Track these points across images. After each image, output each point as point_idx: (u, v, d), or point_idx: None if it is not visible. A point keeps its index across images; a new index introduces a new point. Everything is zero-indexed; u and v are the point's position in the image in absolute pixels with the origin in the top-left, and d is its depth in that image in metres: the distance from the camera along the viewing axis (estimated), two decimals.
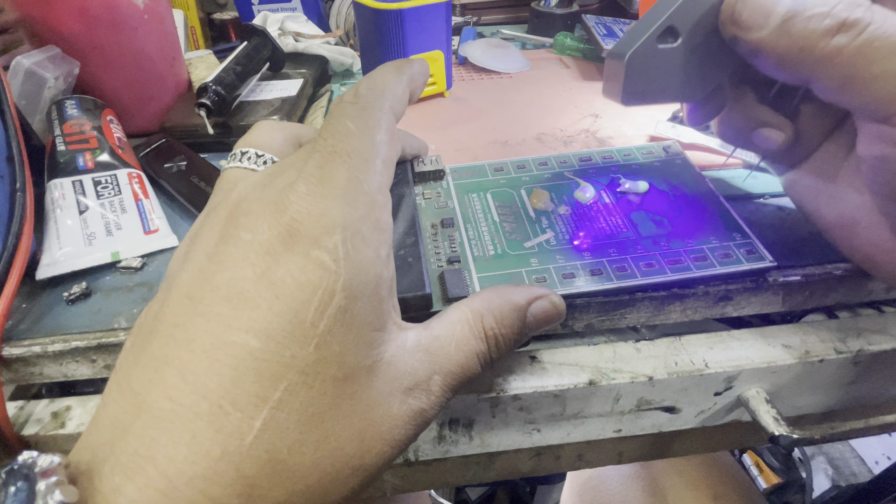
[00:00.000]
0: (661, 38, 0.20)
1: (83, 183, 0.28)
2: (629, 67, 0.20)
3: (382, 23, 0.36)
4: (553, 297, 0.18)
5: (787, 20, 0.16)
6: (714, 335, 0.24)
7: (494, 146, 0.35)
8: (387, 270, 0.15)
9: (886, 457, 0.86)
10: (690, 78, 0.21)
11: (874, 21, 0.15)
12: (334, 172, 0.15)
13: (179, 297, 0.14)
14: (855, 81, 0.15)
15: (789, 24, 0.16)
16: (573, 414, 0.23)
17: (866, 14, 0.15)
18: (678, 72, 0.21)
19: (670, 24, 0.20)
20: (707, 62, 0.21)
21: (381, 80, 0.17)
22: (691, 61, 0.21)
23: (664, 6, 0.20)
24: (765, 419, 0.21)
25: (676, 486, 0.45)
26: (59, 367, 0.23)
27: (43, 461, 0.11)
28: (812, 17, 0.15)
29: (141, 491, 0.12)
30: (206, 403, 0.12)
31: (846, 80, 0.16)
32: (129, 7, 0.34)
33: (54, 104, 0.32)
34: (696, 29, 0.20)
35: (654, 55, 0.20)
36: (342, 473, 0.14)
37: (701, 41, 0.20)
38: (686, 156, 0.28)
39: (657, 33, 0.20)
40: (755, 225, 0.24)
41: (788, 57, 0.16)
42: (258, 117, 0.36)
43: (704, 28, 0.20)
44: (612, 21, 0.48)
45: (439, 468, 0.27)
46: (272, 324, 0.13)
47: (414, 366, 0.15)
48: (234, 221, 0.15)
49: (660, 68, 0.21)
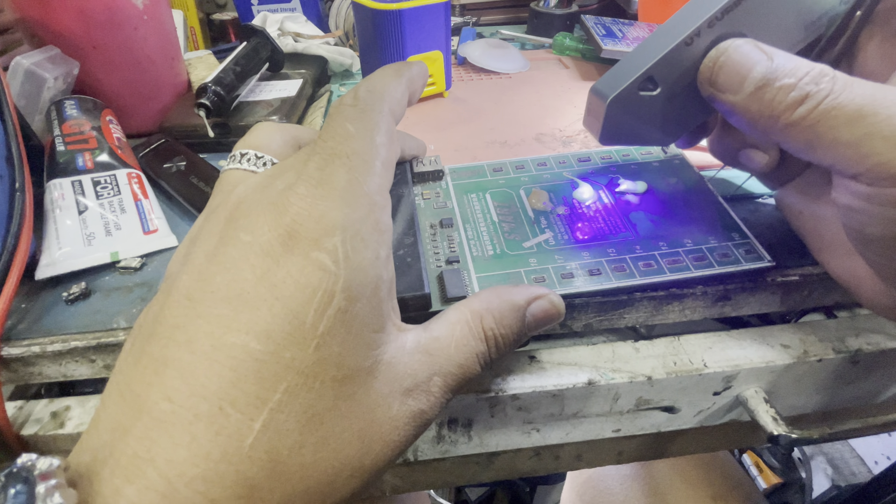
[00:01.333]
0: (641, 85, 0.20)
1: (82, 183, 0.28)
2: (609, 110, 0.21)
3: (382, 23, 0.36)
4: (552, 296, 0.18)
5: (759, 88, 0.17)
6: (713, 335, 0.24)
7: (493, 146, 0.35)
8: (386, 272, 0.15)
9: (886, 457, 0.86)
10: (668, 124, 0.22)
11: (833, 92, 0.16)
12: (334, 174, 0.15)
13: (179, 299, 0.14)
14: (818, 146, 0.17)
15: (761, 91, 0.17)
16: (572, 414, 0.23)
17: (828, 85, 0.16)
18: (656, 118, 0.21)
19: (650, 74, 0.20)
20: (684, 110, 0.21)
21: (380, 83, 0.18)
22: (669, 109, 0.21)
23: (646, 55, 0.20)
24: (763, 419, 0.22)
25: (676, 486, 0.45)
26: (58, 367, 0.23)
27: (42, 464, 0.11)
28: (781, 89, 0.17)
29: (141, 493, 0.12)
30: (206, 405, 0.12)
31: (810, 144, 0.17)
32: (129, 7, 0.34)
33: (54, 104, 0.32)
34: (674, 81, 0.20)
35: (635, 101, 0.21)
36: (342, 474, 0.14)
37: (679, 91, 0.21)
38: (684, 156, 0.28)
39: (638, 82, 0.20)
40: (754, 225, 0.24)
41: (759, 120, 0.18)
42: (257, 118, 0.36)
43: (683, 81, 0.20)
44: (612, 21, 0.48)
45: (438, 468, 0.27)
46: (272, 325, 0.13)
47: (413, 367, 0.15)
48: (234, 223, 0.15)
49: (639, 113, 0.21)
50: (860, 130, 0.15)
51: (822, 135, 0.16)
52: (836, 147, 0.16)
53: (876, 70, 0.20)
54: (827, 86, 0.16)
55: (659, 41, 0.20)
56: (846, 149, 0.16)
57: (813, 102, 0.16)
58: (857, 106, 0.15)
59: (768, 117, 0.17)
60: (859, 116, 0.15)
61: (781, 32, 0.20)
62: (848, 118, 0.15)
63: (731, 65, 0.18)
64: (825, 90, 0.16)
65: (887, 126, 0.15)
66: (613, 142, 0.22)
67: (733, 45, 0.18)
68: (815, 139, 0.16)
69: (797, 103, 0.16)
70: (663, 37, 0.20)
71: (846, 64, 0.21)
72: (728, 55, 0.18)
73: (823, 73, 0.16)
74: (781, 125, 0.17)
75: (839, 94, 0.16)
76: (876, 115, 0.15)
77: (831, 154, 0.16)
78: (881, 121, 0.15)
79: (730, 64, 0.18)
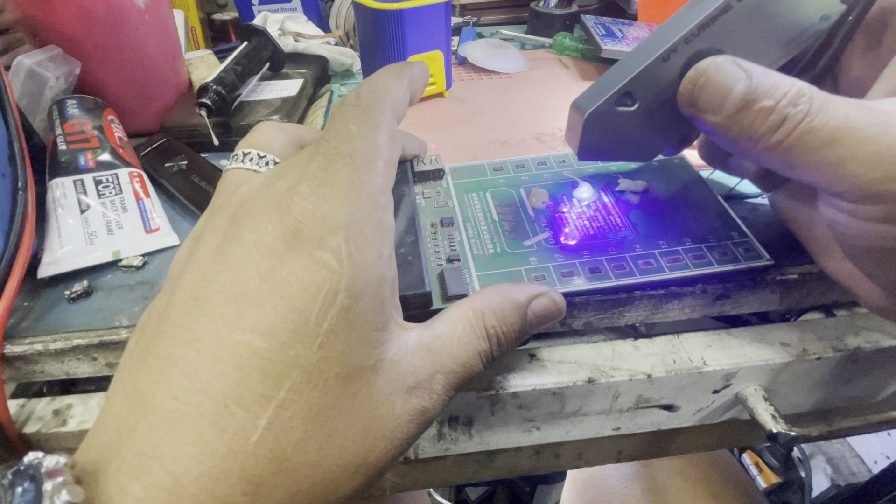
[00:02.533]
0: (619, 101, 0.20)
1: (84, 182, 0.28)
2: (587, 125, 0.21)
3: (382, 23, 0.36)
4: (553, 294, 0.19)
5: (739, 110, 0.17)
6: (712, 333, 0.24)
7: (494, 146, 0.35)
8: (389, 270, 0.15)
9: (885, 456, 0.86)
10: (647, 139, 0.22)
11: (810, 114, 0.16)
12: (337, 174, 0.15)
13: (184, 298, 0.14)
14: (797, 167, 0.17)
15: (741, 114, 0.17)
16: (572, 412, 0.23)
17: (805, 106, 0.16)
18: (635, 133, 0.21)
19: (628, 90, 0.20)
20: (663, 126, 0.21)
21: (382, 83, 0.18)
22: (648, 124, 0.21)
23: (624, 71, 0.20)
24: (763, 417, 0.22)
25: (676, 486, 0.46)
26: (60, 365, 0.23)
27: (49, 461, 0.12)
28: (760, 112, 0.16)
29: (147, 490, 0.12)
30: (212, 403, 0.12)
31: (789, 165, 0.17)
32: (130, 7, 0.34)
33: (55, 104, 0.32)
34: (652, 97, 0.20)
35: (613, 116, 0.20)
36: (346, 472, 0.14)
37: (657, 108, 0.20)
38: (684, 155, 0.28)
39: (615, 97, 0.20)
40: (753, 224, 0.24)
41: (740, 141, 0.17)
42: (258, 117, 0.36)
43: (661, 97, 0.20)
44: (612, 21, 0.48)
45: (439, 466, 0.27)
46: (276, 324, 0.13)
47: (416, 365, 0.15)
48: (238, 222, 0.15)
49: (617, 129, 0.21)
50: (836, 153, 0.15)
51: (799, 157, 0.16)
52: (814, 169, 0.16)
53: (860, 78, 0.20)
54: (804, 107, 0.16)
55: (637, 57, 0.20)
56: (824, 170, 0.16)
57: (790, 125, 0.16)
58: (831, 129, 0.15)
59: (748, 139, 0.17)
60: (834, 139, 0.15)
61: (759, 50, 0.20)
62: (823, 141, 0.15)
63: (711, 86, 0.18)
64: (802, 111, 0.16)
65: (861, 149, 0.15)
66: (592, 157, 0.22)
67: (713, 64, 0.18)
68: (794, 161, 0.16)
69: (776, 126, 0.16)
70: (642, 53, 0.20)
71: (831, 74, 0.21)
72: (708, 76, 0.18)
73: (801, 92, 0.16)
74: (761, 147, 0.17)
75: (815, 117, 0.16)
76: (850, 138, 0.15)
77: (811, 175, 0.16)
78: (855, 143, 0.15)
79: (710, 85, 0.18)
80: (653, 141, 0.22)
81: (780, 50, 0.20)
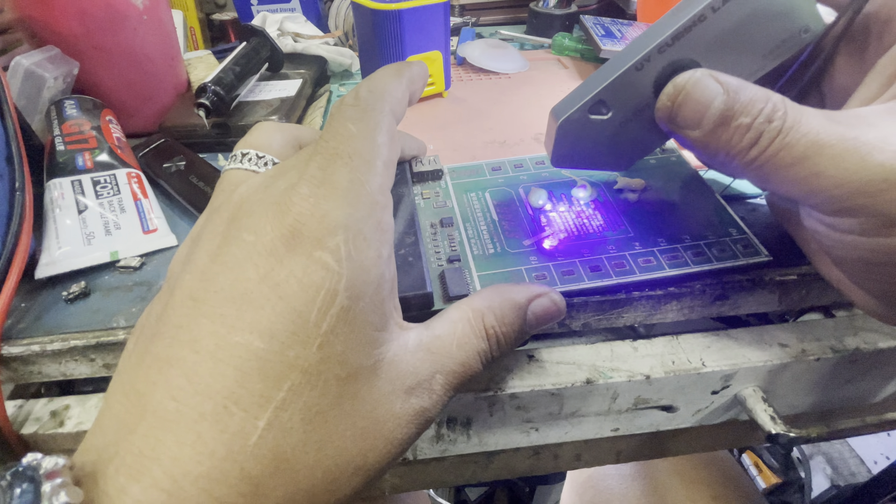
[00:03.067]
0: (592, 109, 0.20)
1: (82, 183, 0.28)
2: (560, 132, 0.20)
3: (381, 23, 0.36)
4: (553, 294, 0.18)
5: (716, 126, 0.17)
6: (711, 334, 0.24)
7: (492, 146, 0.35)
8: (388, 271, 0.15)
9: (885, 456, 0.86)
10: (620, 149, 0.21)
11: (783, 131, 0.16)
12: (336, 174, 0.15)
13: (183, 299, 0.14)
14: (772, 182, 0.17)
15: (718, 131, 0.17)
16: (571, 413, 0.23)
17: (779, 122, 0.16)
18: (608, 142, 0.21)
19: (601, 98, 0.20)
20: (637, 136, 0.21)
21: (381, 83, 0.18)
22: (622, 134, 0.21)
23: (598, 79, 0.20)
24: (762, 418, 0.22)
25: (676, 486, 0.45)
26: (57, 366, 0.23)
27: (48, 463, 0.11)
28: (737, 129, 0.17)
29: (146, 491, 0.12)
30: (211, 404, 0.12)
31: (765, 180, 0.17)
32: (129, 7, 0.34)
33: (53, 104, 0.32)
34: (626, 107, 0.20)
35: (586, 124, 0.20)
36: (345, 472, 0.14)
37: (631, 117, 0.20)
38: (681, 154, 0.28)
39: (588, 104, 0.20)
40: (751, 224, 0.24)
41: (717, 156, 0.18)
42: (257, 117, 0.36)
43: (634, 107, 0.20)
44: (611, 22, 0.48)
45: (437, 467, 0.27)
46: (276, 324, 0.13)
47: (416, 365, 0.15)
48: (237, 223, 0.15)
49: (591, 137, 0.21)
50: (807, 170, 0.16)
51: (774, 173, 0.16)
52: (788, 183, 0.16)
53: (844, 85, 0.20)
54: (778, 123, 0.16)
55: (613, 65, 0.20)
56: (798, 185, 0.16)
57: (765, 142, 0.16)
58: (803, 147, 0.16)
59: (726, 155, 0.17)
60: (805, 157, 0.15)
61: (736, 61, 0.19)
62: (795, 158, 0.16)
63: (689, 103, 0.18)
64: (776, 128, 0.16)
65: (832, 166, 0.15)
66: (566, 164, 0.22)
67: (692, 80, 0.18)
68: (768, 176, 0.17)
69: (751, 143, 0.16)
70: (618, 61, 0.20)
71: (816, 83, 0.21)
72: (686, 92, 0.18)
73: (776, 108, 0.16)
74: (737, 164, 0.17)
75: (787, 134, 0.16)
76: (820, 156, 0.15)
77: (785, 189, 0.17)
78: (826, 160, 0.15)
79: (689, 102, 0.18)
80: (627, 150, 0.22)
81: (759, 61, 0.19)
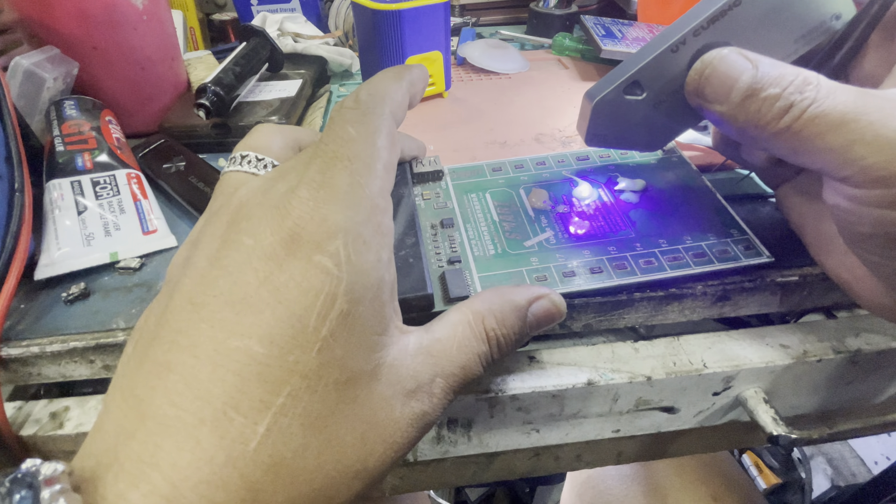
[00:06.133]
0: (627, 89, 0.21)
1: (82, 183, 0.28)
2: (595, 111, 0.21)
3: (381, 23, 0.36)
4: (553, 296, 0.18)
5: (745, 98, 0.17)
6: (712, 335, 0.24)
7: (493, 146, 0.35)
8: (388, 274, 0.15)
9: (886, 457, 0.86)
10: (654, 129, 0.22)
11: (817, 100, 0.16)
12: (336, 177, 0.15)
13: (182, 303, 0.14)
14: (804, 153, 0.17)
15: (747, 102, 0.17)
16: (572, 414, 0.23)
17: (812, 93, 0.16)
18: (642, 122, 0.22)
19: (636, 79, 0.20)
20: (671, 117, 0.22)
21: (381, 86, 0.18)
22: (655, 114, 0.22)
23: (633, 61, 0.20)
24: (763, 419, 0.22)
25: (676, 487, 0.45)
26: (57, 368, 0.23)
27: (47, 469, 0.11)
28: (766, 99, 0.17)
29: (145, 497, 0.12)
30: (211, 409, 0.12)
31: (796, 151, 0.17)
32: (128, 8, 0.34)
33: (53, 104, 0.32)
34: (660, 87, 0.21)
35: (621, 104, 0.21)
36: (345, 477, 0.14)
37: (665, 98, 0.21)
38: (683, 155, 0.28)
39: (624, 85, 0.21)
40: (753, 225, 0.24)
41: (748, 129, 0.18)
42: (257, 118, 0.36)
43: (669, 88, 0.21)
44: (611, 22, 0.48)
45: (438, 468, 0.27)
46: (275, 329, 0.13)
47: (416, 368, 0.15)
48: (236, 226, 0.15)
49: (625, 117, 0.22)
50: (844, 137, 0.16)
51: (807, 142, 0.16)
52: (821, 153, 0.16)
53: (872, 73, 0.20)
54: (811, 94, 0.16)
55: (649, 48, 0.20)
56: (831, 154, 0.16)
57: (797, 111, 0.16)
58: (839, 113, 0.16)
59: (755, 126, 0.17)
60: (842, 123, 0.16)
61: (769, 44, 0.20)
62: (831, 125, 0.16)
63: (717, 76, 0.18)
64: (809, 98, 0.16)
65: (869, 131, 0.15)
66: (599, 143, 0.23)
67: (719, 55, 0.18)
68: (801, 146, 0.17)
69: (782, 112, 0.16)
70: (653, 44, 0.20)
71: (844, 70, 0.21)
72: (714, 67, 0.18)
73: (807, 80, 0.16)
74: (768, 134, 0.17)
75: (822, 102, 0.16)
76: (858, 121, 0.15)
77: (818, 159, 0.17)
78: (863, 126, 0.15)
79: (716, 75, 0.18)
80: (659, 130, 0.22)
81: (791, 46, 0.20)
